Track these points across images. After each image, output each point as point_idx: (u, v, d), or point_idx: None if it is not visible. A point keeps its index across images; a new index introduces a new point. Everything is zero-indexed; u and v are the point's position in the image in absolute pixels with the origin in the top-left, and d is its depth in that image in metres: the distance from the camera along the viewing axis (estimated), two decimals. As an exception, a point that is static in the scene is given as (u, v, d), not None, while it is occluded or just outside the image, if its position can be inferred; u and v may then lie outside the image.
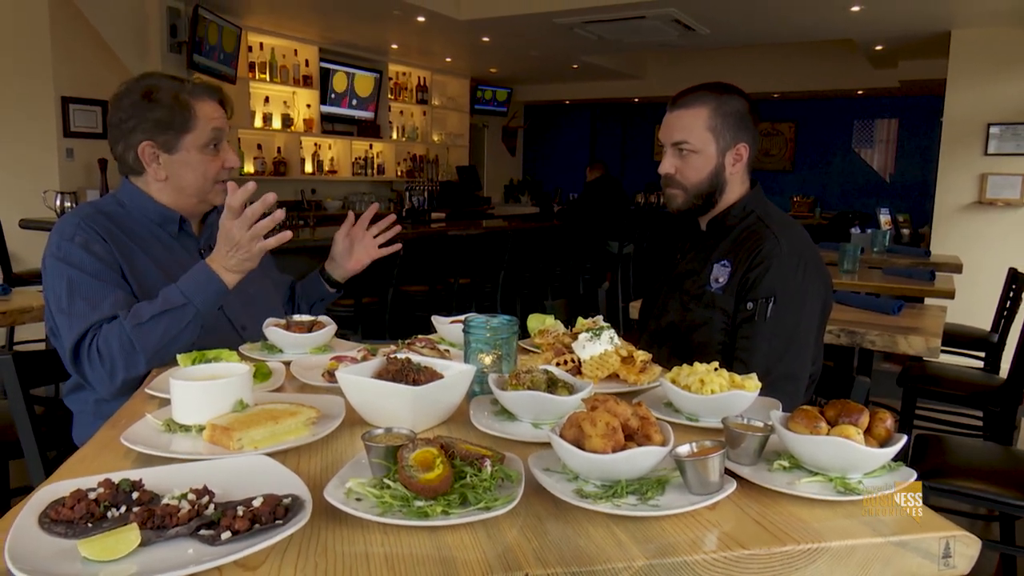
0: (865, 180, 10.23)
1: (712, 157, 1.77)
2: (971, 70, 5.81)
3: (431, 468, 0.84)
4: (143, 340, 1.44)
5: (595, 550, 0.77)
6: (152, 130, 1.65)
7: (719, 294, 1.75)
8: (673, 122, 1.80)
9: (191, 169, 1.68)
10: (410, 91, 9.27)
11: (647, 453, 0.89)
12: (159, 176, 1.68)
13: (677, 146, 1.79)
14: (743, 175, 1.83)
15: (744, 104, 1.78)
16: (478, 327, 1.28)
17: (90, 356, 1.47)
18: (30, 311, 2.58)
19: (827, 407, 1.01)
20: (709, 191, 1.80)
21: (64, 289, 1.52)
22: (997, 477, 2.10)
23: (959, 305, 3.84)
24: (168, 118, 1.64)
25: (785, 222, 1.80)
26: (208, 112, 1.69)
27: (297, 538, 0.78)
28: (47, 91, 5.34)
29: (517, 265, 5.82)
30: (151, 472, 0.90)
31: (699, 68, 9.16)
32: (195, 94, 1.68)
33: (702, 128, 1.76)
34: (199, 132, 1.67)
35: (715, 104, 1.76)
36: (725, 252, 1.79)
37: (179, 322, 1.45)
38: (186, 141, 1.67)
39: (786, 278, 1.68)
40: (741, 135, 1.78)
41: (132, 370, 1.46)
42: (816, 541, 0.80)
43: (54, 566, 0.70)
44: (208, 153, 1.69)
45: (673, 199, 1.85)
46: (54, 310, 1.54)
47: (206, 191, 1.72)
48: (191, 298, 1.46)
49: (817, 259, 1.76)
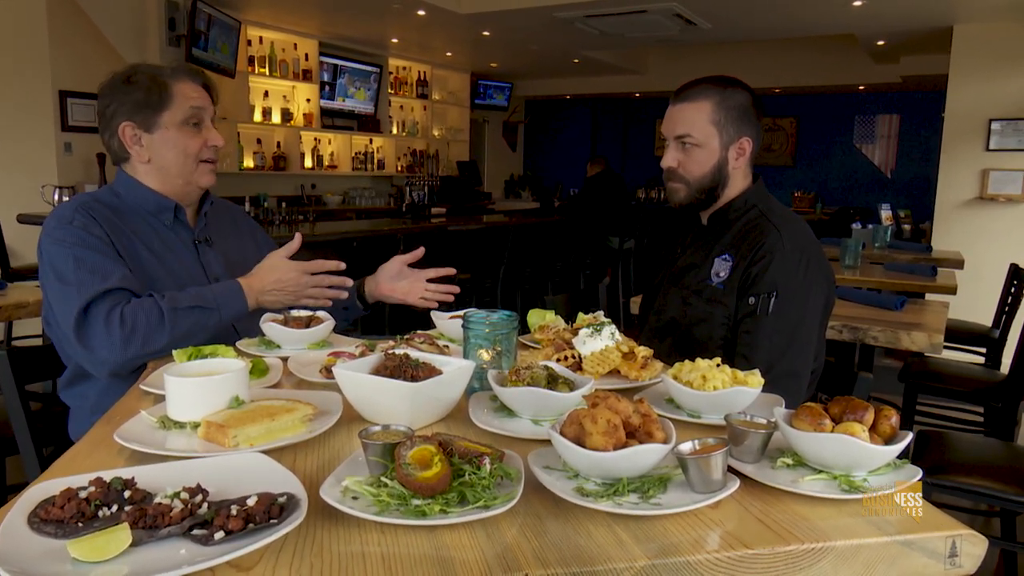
0: (866, 176, 10.21)
1: (715, 151, 1.76)
2: (973, 65, 5.79)
3: (429, 466, 0.83)
4: (176, 323, 1.48)
5: (596, 550, 0.76)
6: (131, 111, 1.65)
7: (720, 288, 1.73)
8: (676, 115, 1.78)
9: (171, 147, 1.67)
10: (410, 85, 9.24)
11: (649, 451, 0.87)
12: (142, 158, 1.68)
13: (680, 140, 1.78)
14: (746, 169, 1.81)
15: (748, 98, 1.77)
16: (477, 322, 1.27)
17: (108, 320, 1.45)
18: (26, 306, 2.57)
19: (831, 404, 0.99)
20: (712, 185, 1.78)
21: (71, 264, 1.50)
22: (998, 473, 2.09)
23: (961, 301, 3.82)
24: (145, 98, 1.64)
25: (787, 217, 1.79)
26: (186, 91, 1.67)
27: (292, 538, 0.76)
28: (45, 85, 5.31)
29: (517, 261, 5.81)
30: (144, 470, 0.88)
31: (700, 63, 9.13)
32: (174, 75, 1.68)
33: (705, 122, 1.74)
34: (176, 109, 1.66)
35: (719, 98, 1.74)
36: (727, 246, 1.77)
37: (205, 321, 1.53)
38: (164, 119, 1.66)
39: (788, 273, 1.66)
40: (744, 129, 1.76)
41: (149, 346, 1.46)
42: (821, 540, 0.79)
43: (43, 567, 0.69)
44: (187, 130, 1.68)
45: (675, 193, 1.83)
46: (55, 283, 1.51)
47: (190, 170, 1.70)
48: (220, 305, 1.54)
49: (820, 254, 1.74)
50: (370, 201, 8.35)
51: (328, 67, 7.95)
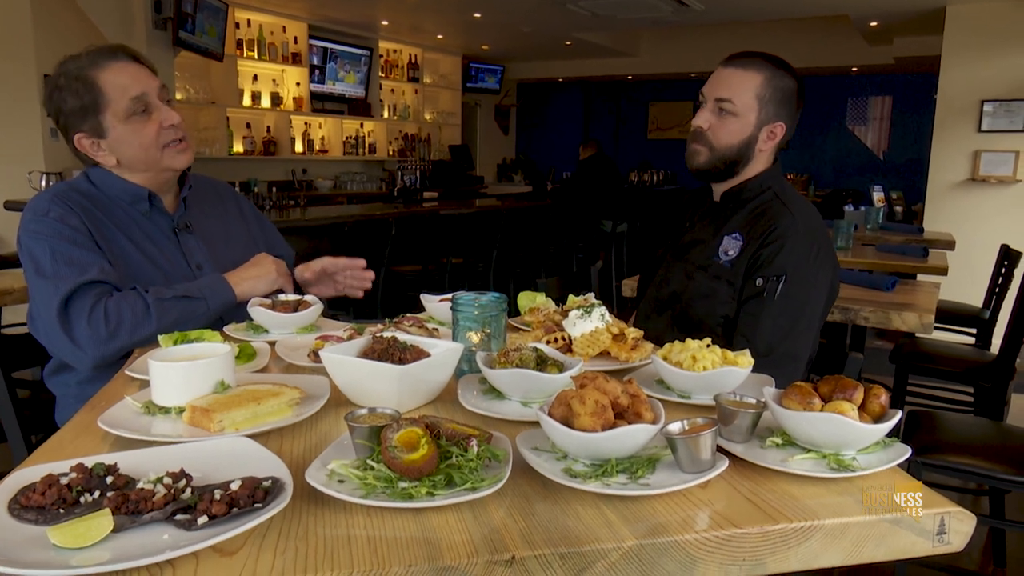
0: (859, 158, 10.21)
1: (749, 125, 1.72)
2: (965, 46, 5.77)
3: (415, 448, 0.82)
4: (163, 313, 1.48)
5: (584, 531, 0.75)
6: (76, 122, 1.58)
7: (727, 267, 1.72)
8: (725, 78, 1.74)
9: (127, 144, 1.60)
10: (401, 69, 9.17)
11: (637, 431, 0.87)
12: (109, 162, 1.63)
13: (719, 103, 1.73)
14: (771, 154, 1.78)
15: (795, 85, 1.74)
16: (466, 305, 1.26)
17: (92, 316, 1.43)
18: (12, 293, 2.55)
19: (821, 383, 0.99)
20: (735, 159, 1.75)
21: (47, 257, 1.48)
22: (988, 452, 2.11)
23: (952, 282, 3.84)
24: (80, 104, 1.55)
25: (801, 202, 1.76)
26: (117, 80, 1.56)
27: (277, 522, 0.76)
28: (29, 70, 5.24)
29: (510, 244, 5.79)
30: (127, 456, 0.87)
31: (693, 45, 9.10)
32: (96, 65, 1.56)
33: (751, 93, 1.71)
34: (115, 105, 1.56)
35: (770, 74, 1.71)
36: (738, 225, 1.75)
37: (192, 309, 1.53)
38: (108, 119, 1.57)
39: (799, 258, 1.65)
40: (783, 114, 1.73)
41: (136, 337, 1.46)
42: (809, 519, 0.78)
43: (24, 554, 0.68)
44: (136, 121, 1.58)
45: (696, 156, 1.78)
46: (33, 277, 1.49)
47: (156, 159, 1.63)
48: (206, 295, 1.55)
49: (829, 242, 1.73)
50: (361, 186, 8.30)
51: (318, 50, 7.88)
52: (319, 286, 1.87)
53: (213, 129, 6.80)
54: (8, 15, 5.21)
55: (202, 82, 6.69)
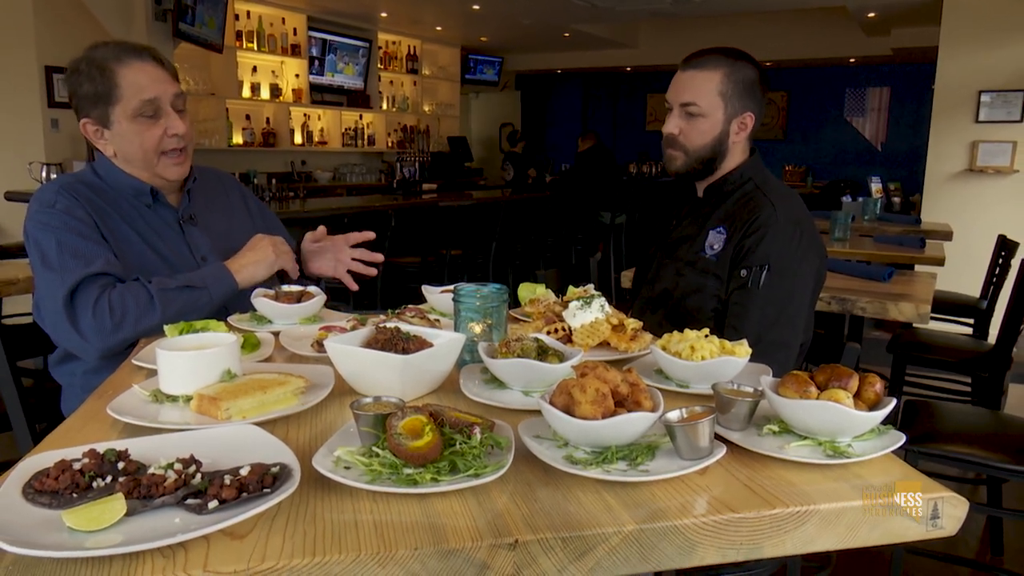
0: (857, 149, 10.21)
1: (718, 122, 1.75)
2: (963, 36, 5.76)
3: (420, 435, 0.84)
4: (167, 303, 1.49)
5: (585, 516, 0.77)
6: (86, 107, 1.60)
7: (714, 260, 1.74)
8: (684, 82, 1.77)
9: (128, 141, 1.62)
10: (400, 60, 9.15)
11: (637, 419, 0.88)
12: (108, 151, 1.65)
13: (685, 107, 1.77)
14: (745, 144, 1.81)
15: (756, 73, 1.76)
16: (468, 296, 1.27)
17: (97, 308, 1.44)
18: (16, 283, 2.56)
19: (817, 372, 1.01)
20: (710, 156, 1.78)
21: (53, 249, 1.49)
22: (985, 441, 2.12)
23: (949, 272, 3.85)
24: (93, 91, 1.58)
25: (782, 190, 1.79)
26: (135, 79, 1.58)
27: (286, 506, 0.77)
28: (30, 60, 5.24)
29: (509, 236, 5.80)
30: (137, 442, 0.89)
31: (692, 37, 9.05)
32: (121, 59, 1.58)
33: (713, 92, 1.74)
34: (126, 102, 1.58)
35: (728, 69, 1.73)
36: (721, 218, 1.77)
37: (195, 300, 1.53)
38: (116, 113, 1.59)
39: (781, 247, 1.67)
40: (749, 104, 1.76)
41: (142, 325, 1.46)
42: (805, 504, 0.80)
43: (39, 536, 0.69)
44: (142, 123, 1.60)
45: (673, 161, 1.82)
46: (40, 268, 1.51)
47: (151, 163, 1.64)
48: (208, 284, 1.55)
49: (813, 229, 1.75)
50: (361, 177, 8.30)
51: (317, 42, 7.86)
52: (321, 260, 1.86)
53: (212, 120, 6.80)
54: (9, 6, 5.20)
55: (202, 73, 6.68)
